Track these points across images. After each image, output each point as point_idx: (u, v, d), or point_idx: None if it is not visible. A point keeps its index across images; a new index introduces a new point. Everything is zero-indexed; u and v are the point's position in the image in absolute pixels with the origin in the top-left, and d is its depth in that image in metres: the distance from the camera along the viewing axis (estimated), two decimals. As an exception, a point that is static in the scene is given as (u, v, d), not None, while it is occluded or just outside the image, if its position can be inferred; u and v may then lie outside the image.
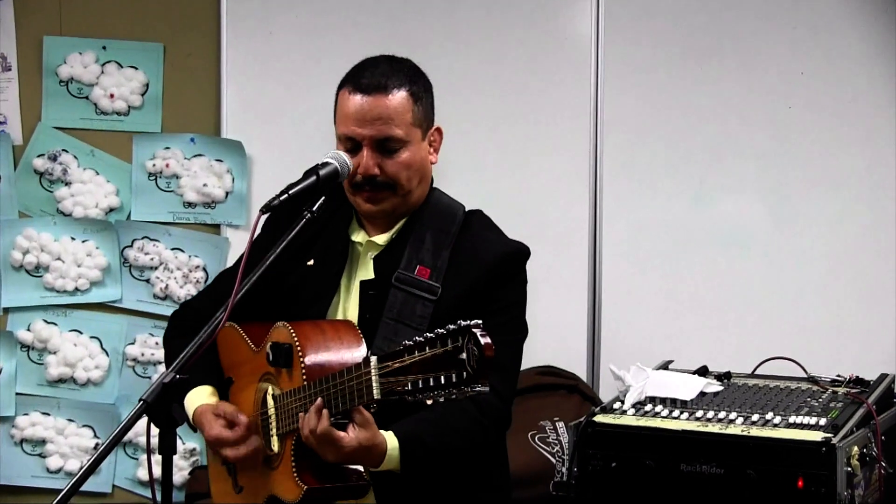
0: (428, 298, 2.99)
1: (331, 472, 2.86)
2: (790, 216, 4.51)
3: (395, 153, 3.00)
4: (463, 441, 2.97)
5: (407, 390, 2.45)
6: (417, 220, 3.10)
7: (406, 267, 3.03)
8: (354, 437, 2.73)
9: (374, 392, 2.56)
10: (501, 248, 3.09)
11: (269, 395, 3.00)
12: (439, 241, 3.07)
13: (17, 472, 4.69)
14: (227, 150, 4.73)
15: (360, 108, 2.98)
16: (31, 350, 4.69)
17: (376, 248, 3.11)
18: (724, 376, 3.68)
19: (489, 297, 3.01)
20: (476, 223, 3.16)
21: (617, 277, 4.65)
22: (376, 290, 3.05)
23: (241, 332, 3.13)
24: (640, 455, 3.23)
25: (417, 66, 3.12)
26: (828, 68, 4.46)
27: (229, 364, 3.20)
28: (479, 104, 4.68)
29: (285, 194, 2.78)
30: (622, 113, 4.63)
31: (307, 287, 3.14)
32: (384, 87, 2.98)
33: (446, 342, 2.38)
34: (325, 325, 2.98)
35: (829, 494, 3.01)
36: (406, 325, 2.97)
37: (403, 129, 2.99)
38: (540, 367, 4.57)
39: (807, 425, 3.16)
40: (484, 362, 2.32)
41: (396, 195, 3.04)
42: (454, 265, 3.04)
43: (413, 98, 3.02)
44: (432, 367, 2.40)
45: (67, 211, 4.69)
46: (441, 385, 2.38)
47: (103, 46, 4.73)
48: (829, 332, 4.43)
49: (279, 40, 4.74)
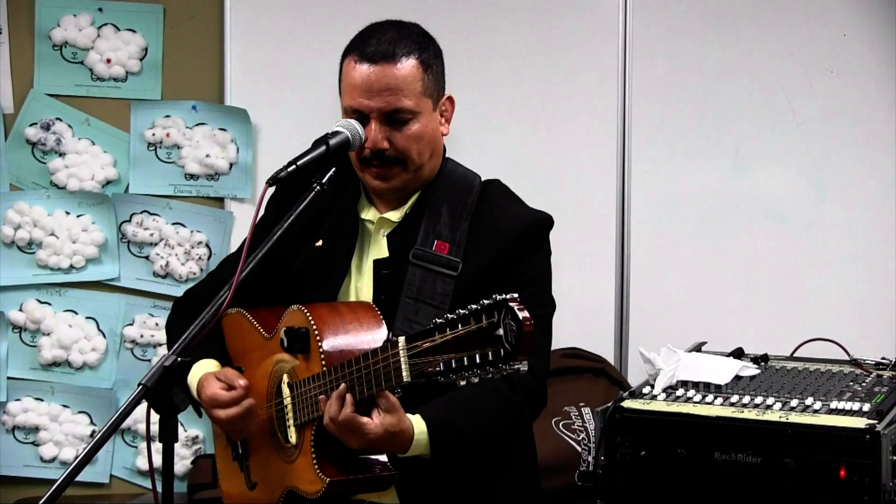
0: (448, 274, 2.99)
1: (354, 463, 2.86)
2: (832, 187, 4.50)
3: (405, 125, 2.98)
4: (495, 423, 2.97)
5: (439, 371, 2.45)
6: (432, 193, 3.10)
7: (423, 243, 3.02)
8: (380, 422, 2.73)
9: (404, 374, 2.56)
10: (523, 217, 3.08)
11: (284, 383, 3.00)
12: (456, 213, 3.06)
13: (9, 462, 4.71)
14: (231, 118, 4.73)
15: (367, 79, 2.95)
16: (24, 331, 4.70)
17: (389, 225, 3.10)
18: (761, 359, 3.68)
19: (513, 271, 3.01)
20: (494, 192, 3.15)
21: (646, 253, 4.64)
22: (392, 269, 3.05)
23: (250, 317, 3.13)
24: (672, 443, 3.23)
25: (427, 32, 3.10)
26: (873, 30, 4.44)
27: (238, 352, 3.19)
28: (503, 70, 4.67)
29: (293, 165, 2.78)
30: (652, 78, 4.61)
31: (316, 268, 3.14)
32: (392, 56, 2.96)
33: (480, 318, 2.37)
34: (341, 307, 2.97)
35: (874, 484, 3.01)
36: (427, 304, 2.96)
37: (413, 99, 2.97)
38: (565, 349, 4.57)
39: (849, 411, 3.16)
40: (523, 337, 2.31)
41: (407, 171, 3.02)
42: (474, 238, 3.04)
43: (423, 66, 3.00)
44: (466, 346, 2.39)
45: (61, 183, 4.70)
46: (476, 364, 2.38)
47: (99, 8, 4.73)
48: (873, 311, 4.43)
49: (285, 1, 4.73)
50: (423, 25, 3.11)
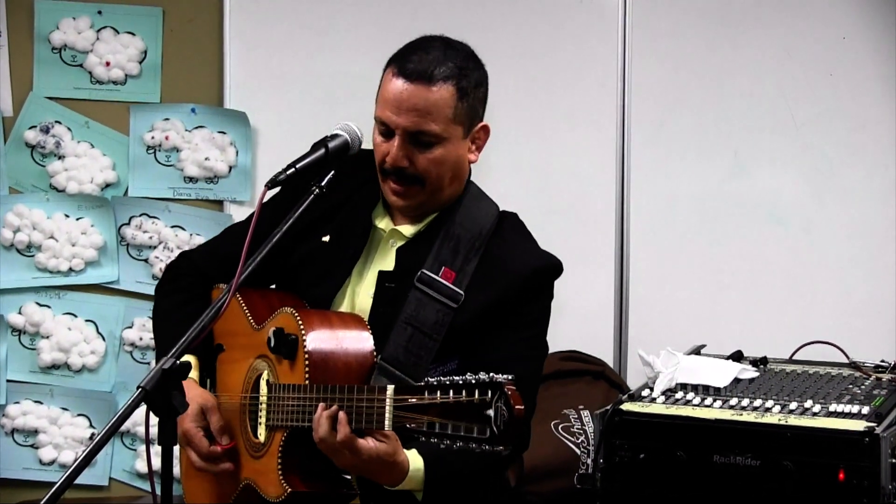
0: (448, 305, 2.96)
1: (318, 477, 2.87)
2: (832, 189, 4.51)
3: (429, 148, 2.94)
4: (484, 462, 2.95)
5: (421, 430, 2.46)
6: (449, 218, 3.06)
7: (431, 267, 3.00)
8: (374, 447, 2.72)
9: (386, 423, 2.57)
10: (535, 261, 3.05)
11: (264, 379, 3.01)
12: (470, 244, 3.03)
13: (8, 464, 4.71)
14: (231, 121, 4.73)
15: (399, 95, 2.92)
16: (23, 334, 4.71)
17: (401, 238, 3.08)
18: (760, 361, 3.68)
19: (516, 311, 2.99)
20: (509, 228, 3.12)
21: (646, 256, 4.65)
22: (395, 284, 3.03)
23: (241, 301, 3.11)
24: (671, 446, 3.23)
25: (474, 55, 3.07)
26: (873, 32, 4.44)
27: (223, 331, 3.18)
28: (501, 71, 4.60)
29: (292, 168, 2.77)
30: (651, 80, 4.62)
31: (318, 264, 3.13)
32: (429, 77, 2.92)
33: (473, 392, 2.37)
34: (333, 319, 2.97)
35: (872, 487, 3.02)
36: (421, 332, 2.94)
37: (441, 124, 2.93)
38: (564, 351, 4.58)
39: (848, 414, 3.16)
40: (512, 425, 2.32)
41: (425, 191, 3.00)
42: (481, 272, 3.01)
43: (459, 93, 2.95)
44: (453, 415, 2.40)
45: (61, 186, 4.70)
46: (460, 437, 2.39)
47: (98, 11, 4.73)
48: (872, 314, 4.43)
49: (285, 4, 4.73)
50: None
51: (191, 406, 3.00)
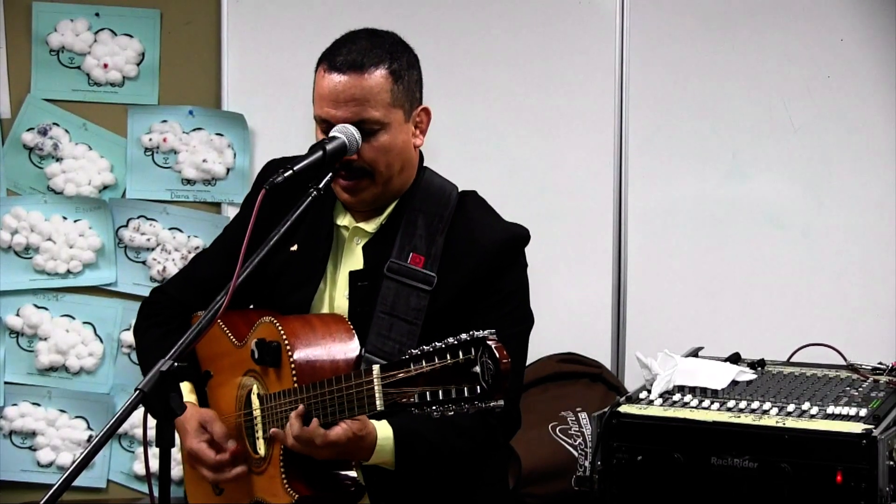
0: (423, 289, 2.97)
1: (323, 479, 2.88)
2: (830, 193, 4.51)
3: (372, 136, 2.94)
4: (466, 441, 2.97)
5: (413, 402, 2.46)
6: (408, 204, 3.07)
7: (398, 255, 3.00)
8: (347, 427, 2.73)
9: (378, 403, 2.57)
10: (501, 233, 3.06)
11: (255, 394, 3.00)
12: (433, 226, 3.04)
13: (6, 466, 4.71)
14: (228, 123, 4.74)
15: (335, 88, 2.94)
16: (21, 336, 4.71)
17: (364, 235, 3.09)
18: (758, 364, 3.68)
19: (490, 288, 3.00)
20: (471, 206, 3.13)
21: (644, 258, 4.65)
22: (367, 281, 3.03)
23: (220, 322, 3.11)
24: (668, 448, 3.23)
25: (401, 40, 3.07)
26: (871, 35, 4.44)
27: (207, 356, 3.19)
28: (499, 75, 4.67)
29: (290, 171, 2.77)
30: (649, 84, 4.62)
31: (290, 273, 3.13)
32: (360, 66, 2.93)
33: (457, 353, 2.37)
34: (314, 321, 2.97)
35: (870, 490, 3.01)
36: (401, 319, 2.95)
37: (381, 110, 2.94)
38: (561, 353, 4.58)
39: (846, 416, 3.16)
40: (499, 376, 2.32)
41: (375, 183, 3.00)
42: (450, 252, 3.02)
43: (393, 76, 2.96)
44: (442, 380, 2.40)
45: (58, 188, 4.70)
46: (451, 399, 2.38)
47: (96, 13, 4.74)
48: (869, 316, 4.43)
49: (283, 6, 4.73)
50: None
51: (190, 424, 3.02)
